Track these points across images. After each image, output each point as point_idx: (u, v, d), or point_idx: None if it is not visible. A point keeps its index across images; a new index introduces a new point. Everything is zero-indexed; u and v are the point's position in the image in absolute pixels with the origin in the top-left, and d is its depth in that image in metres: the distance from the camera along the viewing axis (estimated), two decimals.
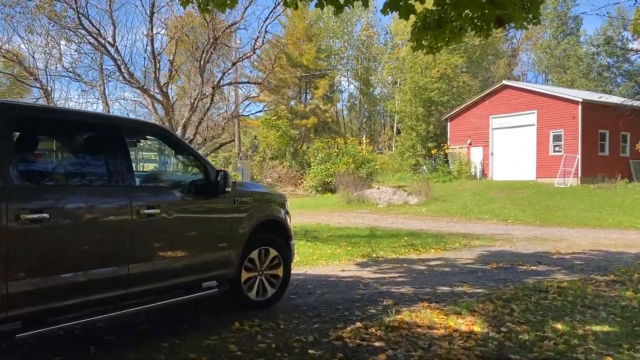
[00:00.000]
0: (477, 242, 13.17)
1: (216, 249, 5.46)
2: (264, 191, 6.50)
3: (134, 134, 5.27)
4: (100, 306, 4.42)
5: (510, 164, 31.59)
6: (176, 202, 5.08)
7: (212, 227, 5.48)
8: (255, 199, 6.06)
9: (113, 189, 4.60)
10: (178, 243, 5.11)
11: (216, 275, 5.54)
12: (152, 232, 4.83)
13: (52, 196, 4.17)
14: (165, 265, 4.94)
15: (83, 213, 4.27)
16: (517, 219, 19.41)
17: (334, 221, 17.81)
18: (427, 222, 17.98)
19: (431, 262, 9.78)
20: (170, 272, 5.00)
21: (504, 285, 7.68)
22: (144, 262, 4.74)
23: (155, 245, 4.90)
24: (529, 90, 32.21)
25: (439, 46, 8.27)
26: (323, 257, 9.92)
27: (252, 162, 33.68)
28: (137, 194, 4.76)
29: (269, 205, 6.34)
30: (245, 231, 5.79)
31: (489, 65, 48.77)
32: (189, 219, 5.26)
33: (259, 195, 6.22)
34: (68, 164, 4.95)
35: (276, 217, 6.38)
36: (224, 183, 5.31)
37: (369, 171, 28.80)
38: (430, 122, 37.53)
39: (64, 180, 4.58)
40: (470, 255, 10.91)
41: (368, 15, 61.70)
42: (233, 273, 5.68)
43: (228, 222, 5.61)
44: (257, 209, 6.04)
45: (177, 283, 5.14)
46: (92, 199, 4.39)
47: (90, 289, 4.29)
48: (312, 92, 51.42)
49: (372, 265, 9.34)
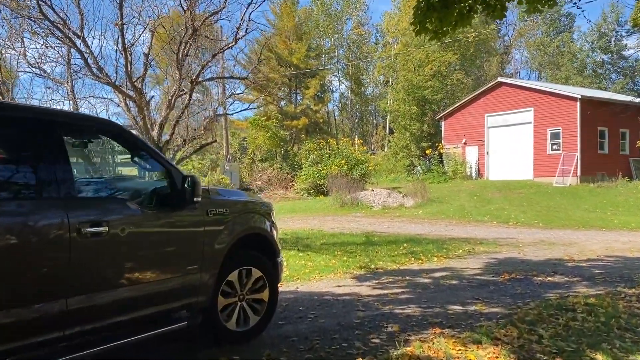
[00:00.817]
0: (481, 247, 12.22)
1: (184, 272, 4.44)
2: (244, 200, 5.47)
3: (75, 131, 4.24)
4: (26, 354, 3.39)
5: (507, 163, 30.70)
6: (131, 217, 4.06)
7: (179, 246, 4.46)
8: (234, 209, 5.05)
9: (44, 202, 3.57)
10: (134, 268, 4.09)
11: (186, 304, 4.52)
12: (98, 255, 3.81)
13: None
14: (117, 297, 3.91)
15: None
16: (518, 220, 18.50)
17: (328, 226, 16.81)
18: (425, 226, 17.02)
19: (436, 274, 8.79)
20: (124, 305, 3.98)
21: (523, 302, 6.71)
22: (87, 294, 3.71)
23: (103, 273, 3.87)
24: (525, 87, 31.32)
25: (444, 30, 7.30)
26: (316, 270, 8.91)
27: (241, 165, 32.63)
28: (78, 208, 3.73)
29: (251, 216, 5.33)
30: (221, 249, 4.78)
31: (482, 63, 47.94)
32: (148, 237, 4.23)
33: (238, 204, 5.20)
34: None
35: (260, 230, 5.37)
36: (192, 192, 4.30)
37: (362, 173, 27.82)
38: (424, 121, 36.60)
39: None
40: (476, 263, 9.95)
41: (359, 13, 60.92)
42: (206, 300, 4.66)
43: (199, 239, 4.59)
44: (236, 222, 5.03)
45: (134, 318, 4.10)
46: (13, 216, 3.37)
47: (7, 335, 3.27)
48: (302, 92, 50.36)
49: (371, 279, 8.34)
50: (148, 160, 4.52)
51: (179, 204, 4.38)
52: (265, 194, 29.73)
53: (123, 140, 4.39)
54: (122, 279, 3.99)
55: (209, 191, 4.86)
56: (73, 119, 4.17)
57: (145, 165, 4.64)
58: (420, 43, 37.46)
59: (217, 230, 4.78)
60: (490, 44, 48.74)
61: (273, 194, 29.78)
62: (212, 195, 4.88)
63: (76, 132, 4.25)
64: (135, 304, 4.06)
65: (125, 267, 4.03)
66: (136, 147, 4.43)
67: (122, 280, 3.99)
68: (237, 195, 5.50)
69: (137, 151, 4.48)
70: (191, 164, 30.01)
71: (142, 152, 4.47)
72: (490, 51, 49.60)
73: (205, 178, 28.26)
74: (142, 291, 4.10)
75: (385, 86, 52.04)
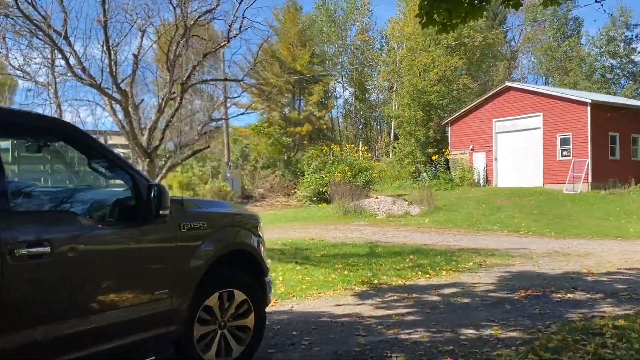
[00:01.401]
0: (492, 259, 11.49)
1: (150, 299, 3.76)
2: (226, 212, 4.78)
3: (10, 131, 3.56)
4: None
5: (516, 169, 29.93)
6: (82, 234, 3.38)
7: (144, 267, 3.79)
8: (213, 223, 4.37)
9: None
10: (85, 296, 3.41)
11: (153, 336, 3.83)
12: (37, 283, 3.13)
13: None
14: (62, 333, 3.23)
15: None
16: (529, 229, 17.76)
17: (330, 236, 16.10)
18: (432, 235, 16.29)
19: (445, 290, 8.07)
20: (73, 342, 3.30)
21: (544, 324, 5.99)
22: (24, 330, 3.04)
23: (44, 303, 3.19)
24: (533, 92, 30.59)
25: (453, 23, 6.61)
26: (314, 286, 8.20)
27: (243, 172, 31.97)
28: (13, 225, 3.05)
29: (234, 230, 4.65)
30: (197, 269, 4.10)
31: (488, 68, 47.21)
32: (105, 258, 3.55)
33: (218, 217, 4.52)
34: None
35: (244, 246, 4.70)
36: (158, 203, 3.62)
37: (366, 180, 27.09)
38: (430, 126, 35.85)
39: None
40: (489, 278, 9.23)
41: (363, 19, 60.41)
42: (179, 330, 3.98)
43: (169, 259, 3.92)
44: (216, 237, 4.35)
45: (90, 354, 3.41)
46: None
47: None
48: (306, 98, 49.75)
49: (374, 296, 7.63)
50: (108, 167, 3.85)
51: (145, 218, 3.70)
52: (266, 201, 29.08)
53: (75, 142, 3.70)
54: (69, 310, 3.31)
55: (183, 202, 4.19)
56: (6, 115, 3.47)
57: (105, 172, 3.96)
58: (426, 47, 36.85)
59: (192, 247, 4.10)
60: (497, 48, 48.05)
61: (275, 201, 29.11)
62: (186, 207, 4.20)
63: (12, 132, 3.57)
64: (87, 339, 3.38)
65: (74, 295, 3.34)
66: (93, 150, 3.74)
67: (70, 312, 3.31)
68: (217, 207, 4.82)
69: (95, 156, 3.79)
70: (191, 171, 29.40)
71: (101, 157, 3.79)
72: (497, 56, 48.90)
73: (206, 185, 27.63)
74: (97, 323, 3.42)
75: (389, 92, 51.38)
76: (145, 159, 9.36)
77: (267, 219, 23.45)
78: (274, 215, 25.20)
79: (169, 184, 28.59)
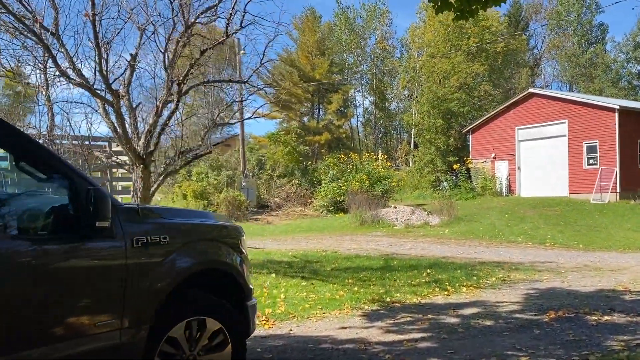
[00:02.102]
0: (516, 274, 10.60)
1: (92, 331, 3.02)
2: (198, 223, 4.01)
3: None
4: None
5: (540, 178, 28.81)
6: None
7: (80, 292, 3.04)
8: (180, 236, 3.63)
9: None
10: (5, 329, 2.68)
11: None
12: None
13: None
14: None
15: None
16: (555, 241, 16.79)
17: (344, 247, 15.31)
18: (452, 247, 15.41)
19: (465, 310, 7.23)
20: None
21: (580, 355, 5.13)
22: None
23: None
24: (558, 98, 29.50)
25: (472, 9, 5.83)
26: (319, 304, 7.40)
27: (259, 181, 31.29)
28: None
29: (209, 246, 3.92)
30: (155, 293, 3.36)
31: (511, 75, 46.09)
32: (28, 281, 2.81)
33: (187, 230, 3.77)
34: None
35: (221, 264, 3.96)
36: (96, 212, 2.88)
37: (384, 189, 26.23)
38: (451, 134, 34.85)
39: None
40: (514, 296, 8.36)
41: (382, 28, 59.81)
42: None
43: (116, 281, 3.17)
44: (184, 254, 3.61)
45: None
46: None
47: None
48: (325, 107, 49.14)
49: (385, 317, 6.81)
50: (40, 167, 3.13)
51: (86, 230, 2.97)
52: (282, 211, 28.35)
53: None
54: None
55: (139, 211, 3.44)
56: None
57: (36, 174, 3.24)
58: (446, 54, 35.98)
59: (150, 266, 3.36)
60: (520, 54, 46.95)
61: (291, 211, 28.37)
62: (144, 217, 3.46)
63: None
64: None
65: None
66: (19, 146, 3.02)
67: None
68: (188, 217, 4.05)
69: (22, 152, 3.07)
70: (206, 180, 28.79)
71: (31, 155, 3.07)
72: (519, 62, 47.78)
73: (220, 195, 27.00)
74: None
75: (409, 100, 50.54)
76: (139, 165, 8.69)
77: (281, 229, 22.77)
78: (288, 225, 24.47)
79: (184, 193, 28.01)
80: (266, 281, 8.79)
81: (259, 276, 9.21)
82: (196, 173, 29.85)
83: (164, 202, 31.06)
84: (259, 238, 19.18)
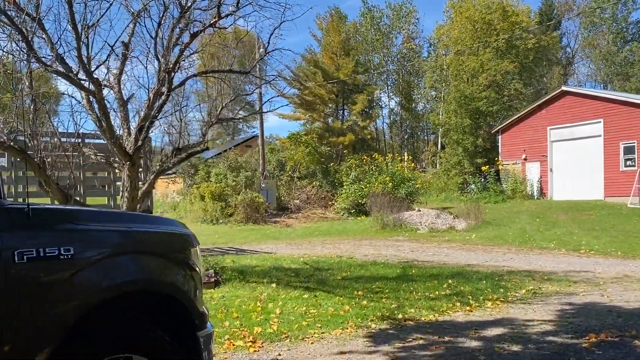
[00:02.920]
0: (549, 285, 9.48)
1: None
2: (129, 231, 3.05)
3: None
4: None
5: (573, 181, 27.36)
6: None
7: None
8: (94, 249, 2.72)
9: None
10: None
11: None
12: None
13: None
14: None
15: None
16: (590, 247, 15.51)
17: (361, 252, 14.33)
18: (478, 254, 14.29)
19: (489, 331, 6.19)
20: None
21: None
22: None
23: None
24: (593, 97, 28.01)
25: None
26: (319, 322, 6.42)
27: (279, 182, 30.43)
28: None
29: (141, 260, 2.98)
30: (54, 324, 2.47)
31: (543, 73, 44.45)
32: None
33: (104, 239, 2.84)
34: None
35: (160, 285, 3.02)
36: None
37: (408, 191, 25.12)
38: (479, 135, 33.51)
39: None
40: (546, 312, 7.27)
41: (409, 27, 58.71)
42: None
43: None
44: (99, 272, 2.70)
45: None
46: None
47: None
48: (349, 108, 48.14)
49: (393, 339, 5.81)
50: None
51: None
52: (302, 213, 27.42)
53: None
54: None
55: (29, 213, 2.53)
56: None
57: None
58: (474, 51, 34.71)
59: (43, 288, 2.45)
60: (552, 52, 45.28)
61: (311, 213, 27.42)
62: (39, 223, 2.55)
63: None
64: None
65: None
66: None
67: None
68: (114, 222, 3.09)
69: None
70: (225, 181, 28.03)
71: None
72: (551, 60, 46.09)
73: (238, 197, 26.19)
74: None
75: (436, 101, 49.27)
76: (126, 162, 7.85)
77: (299, 233, 21.85)
78: (307, 228, 23.53)
79: (202, 194, 27.29)
80: (264, 292, 7.86)
81: (258, 286, 8.29)
82: (215, 174, 29.13)
83: (183, 203, 30.43)
84: (273, 242, 18.29)
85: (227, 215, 25.98)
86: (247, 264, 11.36)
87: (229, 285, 8.33)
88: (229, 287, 8.17)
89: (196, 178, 31.34)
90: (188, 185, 32.09)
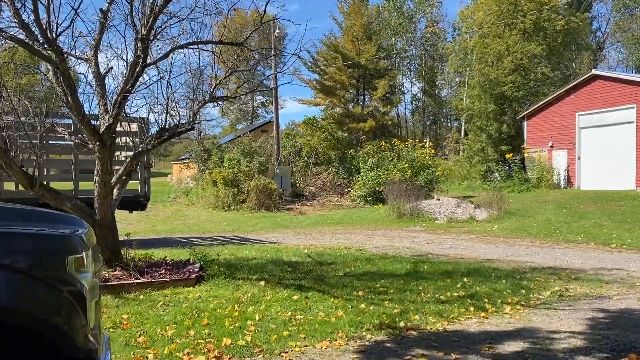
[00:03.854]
0: (577, 286, 8.39)
1: None
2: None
3: None
4: None
5: (603, 169, 25.93)
6: None
7: None
8: None
9: None
10: None
11: None
12: None
13: None
14: None
15: None
16: (622, 242, 14.29)
17: (372, 244, 13.35)
18: (499, 247, 13.20)
19: (506, 345, 5.16)
20: None
21: None
22: None
23: None
24: (625, 81, 26.44)
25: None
26: (303, 331, 5.44)
27: (295, 169, 29.50)
28: None
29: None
30: None
31: (572, 57, 42.62)
32: None
33: None
34: None
35: (11, 315, 2.06)
36: None
37: (428, 178, 24.00)
38: (503, 121, 32.13)
39: None
40: (574, 321, 6.21)
41: (432, 11, 57.21)
42: None
43: None
44: None
45: None
46: None
47: None
48: (370, 93, 46.94)
49: (390, 356, 4.82)
50: None
51: None
52: (317, 201, 26.49)
53: None
54: None
55: None
56: None
57: None
58: (500, 34, 33.22)
59: None
60: (582, 35, 43.41)
61: (326, 201, 26.48)
62: None
63: None
64: None
65: None
66: None
67: None
68: None
69: None
70: (238, 167, 27.18)
71: None
72: (581, 44, 44.20)
73: (251, 183, 25.33)
74: None
75: (460, 87, 47.81)
76: (95, 142, 6.95)
77: (311, 221, 20.91)
78: (321, 216, 22.59)
79: (214, 180, 26.51)
80: (248, 292, 6.90)
81: (244, 284, 7.35)
82: (228, 159, 28.29)
83: (195, 189, 29.69)
84: (281, 230, 17.38)
85: (239, 201, 25.17)
86: (244, 256, 10.44)
87: (212, 282, 7.41)
88: (210, 285, 7.25)
89: (209, 163, 30.57)
90: (201, 170, 31.33)
